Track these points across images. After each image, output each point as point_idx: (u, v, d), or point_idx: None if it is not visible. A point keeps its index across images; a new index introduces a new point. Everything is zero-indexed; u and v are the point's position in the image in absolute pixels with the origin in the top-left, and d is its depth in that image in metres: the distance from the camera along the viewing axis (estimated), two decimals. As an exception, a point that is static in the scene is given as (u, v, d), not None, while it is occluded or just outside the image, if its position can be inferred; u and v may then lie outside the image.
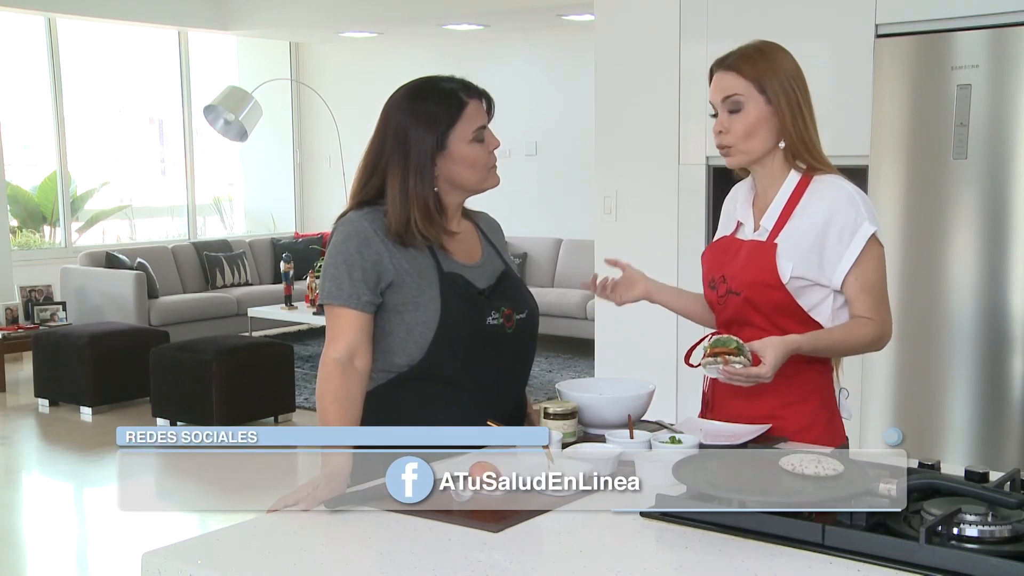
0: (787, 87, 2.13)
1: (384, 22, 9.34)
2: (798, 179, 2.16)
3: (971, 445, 3.32)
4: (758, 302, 2.11)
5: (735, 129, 2.13)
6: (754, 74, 2.12)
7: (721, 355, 1.99)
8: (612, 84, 4.28)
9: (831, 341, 2.10)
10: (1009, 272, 3.21)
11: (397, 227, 2.07)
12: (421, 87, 2.15)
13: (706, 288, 2.26)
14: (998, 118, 3.21)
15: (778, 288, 2.10)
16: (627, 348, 4.24)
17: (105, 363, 6.85)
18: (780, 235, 2.13)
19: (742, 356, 1.98)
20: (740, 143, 2.13)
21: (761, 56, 2.15)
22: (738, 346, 1.98)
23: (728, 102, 2.14)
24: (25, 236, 10.01)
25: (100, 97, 10.42)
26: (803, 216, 2.13)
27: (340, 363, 2.04)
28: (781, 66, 2.14)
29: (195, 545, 1.60)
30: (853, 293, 2.12)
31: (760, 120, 2.12)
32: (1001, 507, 1.49)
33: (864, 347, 2.15)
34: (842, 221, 2.10)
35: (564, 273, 9.05)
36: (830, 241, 2.10)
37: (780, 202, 2.16)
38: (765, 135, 2.13)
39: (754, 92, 2.12)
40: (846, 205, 2.10)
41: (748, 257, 2.15)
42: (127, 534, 4.75)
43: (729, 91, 2.13)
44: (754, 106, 2.12)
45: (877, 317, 2.12)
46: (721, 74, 2.16)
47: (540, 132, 9.35)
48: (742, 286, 2.13)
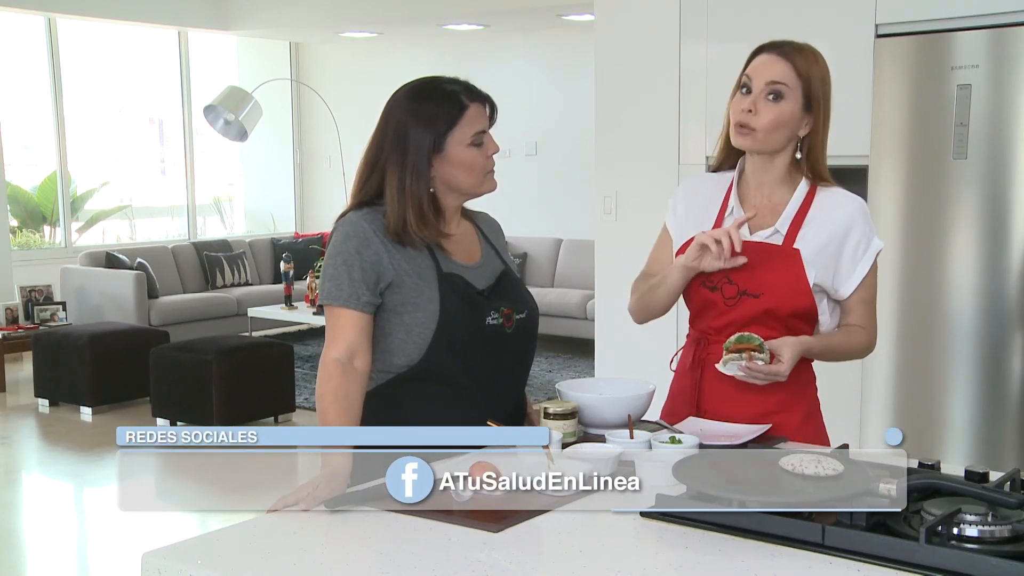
0: (826, 99, 2.13)
1: (384, 22, 9.33)
2: (808, 187, 2.16)
3: (971, 445, 3.32)
4: (780, 307, 2.11)
5: (765, 115, 2.09)
6: (807, 73, 2.10)
7: (746, 351, 2.02)
8: (612, 84, 4.28)
9: (833, 346, 2.15)
10: (1009, 272, 3.21)
11: (395, 226, 2.07)
12: (423, 87, 2.15)
13: (696, 287, 2.18)
14: (998, 118, 3.21)
15: (805, 294, 2.11)
16: (627, 348, 4.23)
17: (105, 363, 6.85)
18: (798, 241, 2.13)
19: (764, 353, 2.02)
20: (762, 131, 2.10)
21: (815, 61, 2.13)
22: (761, 344, 2.03)
23: (771, 87, 2.09)
24: (25, 236, 10.01)
25: (100, 97, 10.42)
26: (819, 225, 2.13)
27: (340, 363, 2.04)
28: (826, 79, 2.14)
29: (195, 545, 1.60)
30: (852, 303, 2.16)
31: (791, 118, 2.11)
32: (1001, 507, 1.49)
33: (858, 354, 2.21)
34: (859, 235, 2.13)
35: (564, 273, 9.05)
36: (847, 252, 2.13)
37: (793, 207, 2.15)
38: (785, 134, 2.12)
39: (799, 91, 2.10)
40: (862, 219, 2.14)
41: (765, 260, 2.12)
42: (127, 534, 4.75)
43: (778, 78, 2.09)
44: (793, 102, 2.10)
45: (869, 327, 2.18)
46: (774, 58, 2.11)
47: (540, 132, 9.35)
48: (764, 289, 2.11)
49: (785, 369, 2.02)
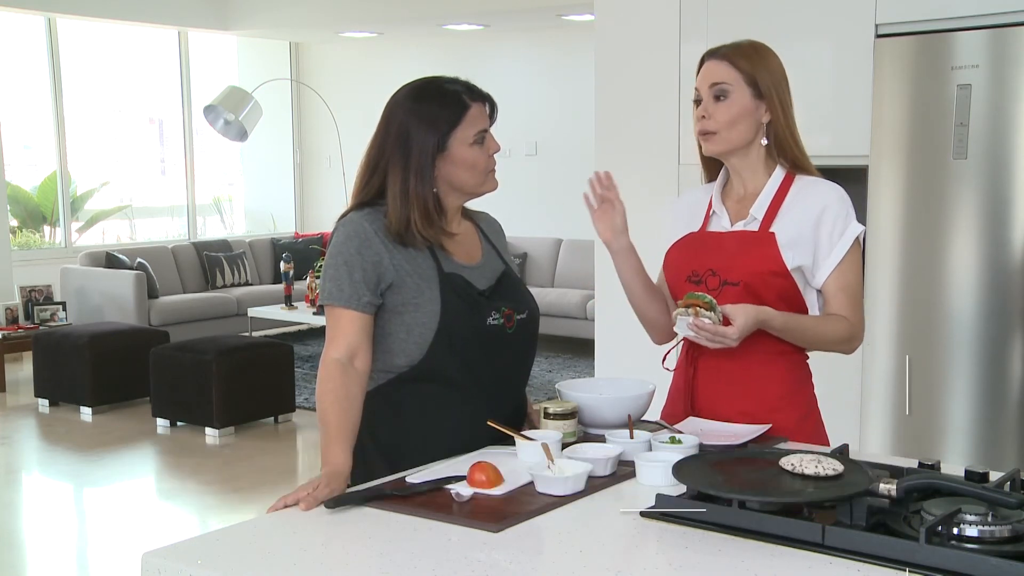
0: (779, 84, 2.17)
1: (384, 22, 9.34)
2: (783, 175, 2.19)
3: (971, 445, 3.32)
4: (760, 291, 2.11)
5: (718, 116, 2.15)
6: (747, 67, 2.15)
7: (693, 307, 2.01)
8: (612, 84, 4.28)
9: (803, 327, 2.11)
10: (1009, 272, 3.21)
11: (397, 226, 2.07)
12: (425, 87, 2.15)
13: (682, 284, 2.20)
14: (998, 118, 3.21)
15: (783, 276, 2.11)
16: (627, 348, 4.23)
17: (105, 363, 6.85)
18: (774, 226, 2.14)
19: (713, 313, 2.00)
20: (722, 130, 2.15)
21: (755, 52, 2.19)
22: (710, 303, 2.01)
23: (715, 89, 2.16)
24: (25, 236, 10.01)
25: (100, 97, 10.42)
26: (795, 210, 2.15)
27: (340, 364, 2.04)
28: (772, 64, 2.19)
29: (195, 545, 1.60)
30: (831, 290, 2.14)
31: (744, 111, 2.15)
32: (1001, 507, 1.49)
33: (834, 343, 2.16)
34: (834, 217, 2.13)
35: (564, 273, 9.05)
36: (822, 236, 2.13)
37: (768, 195, 2.17)
38: (746, 127, 2.16)
39: (743, 84, 2.15)
40: (838, 202, 2.15)
41: (742, 247, 2.15)
42: (127, 534, 4.75)
43: (718, 79, 2.16)
44: (740, 96, 2.15)
45: (852, 317, 2.15)
46: (713, 63, 2.18)
47: (540, 132, 9.36)
48: (742, 275, 2.12)
49: (735, 333, 1.99)
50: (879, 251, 3.45)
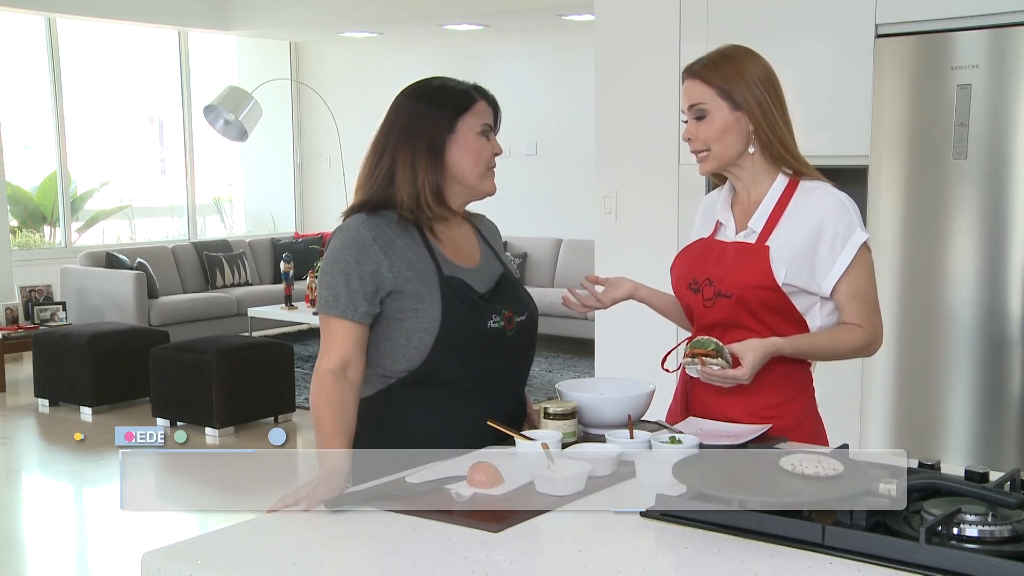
0: (756, 91, 2.13)
1: (384, 22, 9.33)
2: (786, 183, 2.17)
3: (971, 445, 3.32)
4: (751, 305, 2.11)
5: (701, 136, 2.15)
6: (718, 81, 2.13)
7: (699, 356, 2.01)
8: (612, 84, 4.28)
9: (815, 345, 2.12)
10: (1009, 272, 3.21)
11: (409, 203, 2.07)
12: (431, 82, 2.17)
13: (684, 291, 2.23)
14: (998, 118, 3.21)
15: (773, 290, 2.10)
16: (627, 348, 4.23)
17: (105, 363, 6.85)
18: (771, 239, 2.13)
19: (720, 358, 2.01)
20: (712, 145, 2.15)
21: (727, 61, 2.15)
22: (716, 348, 2.02)
23: (694, 110, 2.15)
24: (25, 236, 10.01)
25: (100, 97, 10.42)
26: (794, 221, 2.13)
27: (333, 373, 2.04)
28: (748, 70, 2.14)
29: (195, 545, 1.60)
30: (843, 300, 2.13)
31: (726, 126, 2.13)
32: (1001, 507, 1.49)
33: (852, 353, 2.16)
34: (834, 228, 2.11)
35: (564, 273, 9.05)
36: (822, 248, 2.11)
37: (768, 205, 2.16)
38: (733, 139, 2.14)
39: (718, 99, 2.13)
40: (839, 212, 2.12)
41: (738, 259, 2.14)
42: (127, 534, 4.75)
43: (694, 99, 2.15)
44: (718, 113, 2.13)
45: (867, 324, 2.13)
46: (688, 82, 2.17)
47: (540, 132, 9.35)
48: (734, 288, 2.12)
49: (745, 374, 2.01)
50: (879, 251, 3.44)
